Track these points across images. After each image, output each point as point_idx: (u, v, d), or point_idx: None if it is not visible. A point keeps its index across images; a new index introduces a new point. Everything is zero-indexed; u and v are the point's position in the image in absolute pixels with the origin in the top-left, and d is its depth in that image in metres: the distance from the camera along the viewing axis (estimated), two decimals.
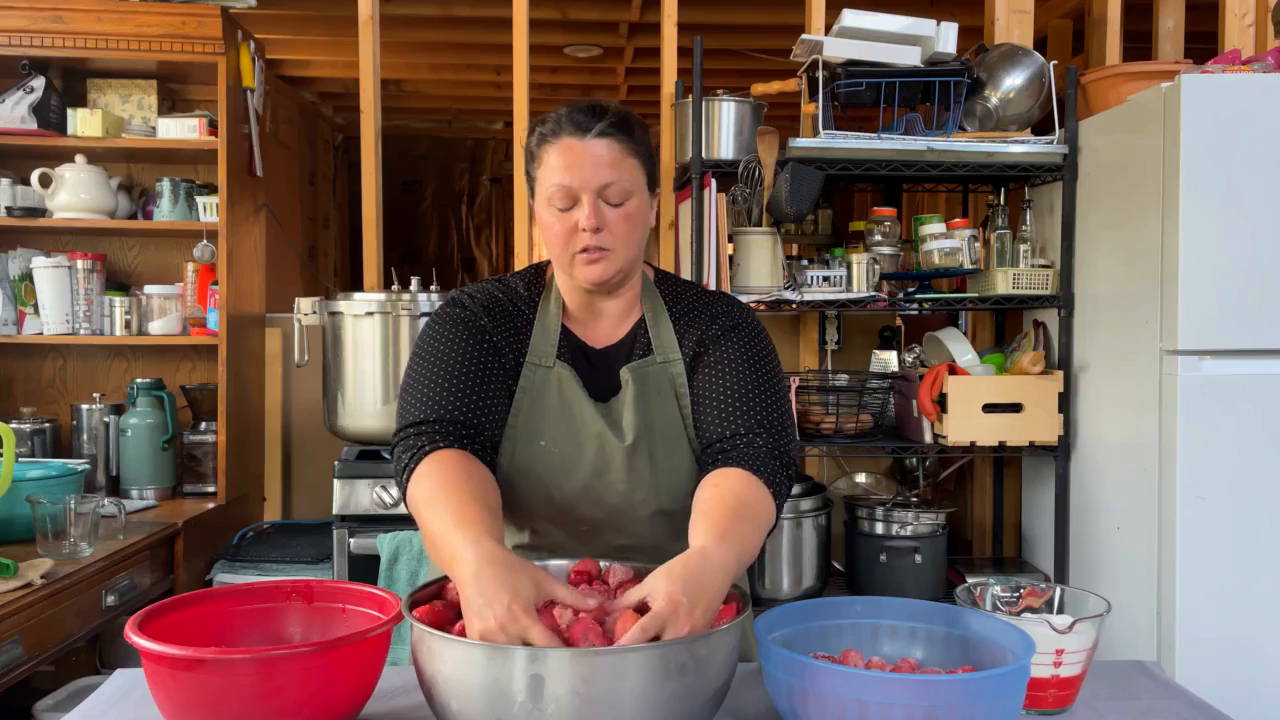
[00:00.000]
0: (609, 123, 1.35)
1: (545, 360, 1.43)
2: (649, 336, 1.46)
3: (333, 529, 2.65)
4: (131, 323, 3.12)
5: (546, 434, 1.40)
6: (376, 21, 3.16)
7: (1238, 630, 2.22)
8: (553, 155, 1.36)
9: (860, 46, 2.61)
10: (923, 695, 1.04)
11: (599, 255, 1.36)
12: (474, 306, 1.45)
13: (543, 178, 1.37)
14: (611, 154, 1.35)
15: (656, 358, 1.44)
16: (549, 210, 1.37)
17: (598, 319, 1.47)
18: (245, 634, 1.28)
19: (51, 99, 3.03)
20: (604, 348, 1.47)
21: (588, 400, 1.41)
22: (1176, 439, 2.23)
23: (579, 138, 1.34)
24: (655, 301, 1.49)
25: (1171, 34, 3.40)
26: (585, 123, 1.35)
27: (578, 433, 1.41)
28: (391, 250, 3.39)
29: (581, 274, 1.38)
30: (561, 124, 1.36)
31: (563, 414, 1.41)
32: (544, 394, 1.42)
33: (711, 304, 1.49)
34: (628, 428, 1.40)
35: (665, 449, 1.42)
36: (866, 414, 2.83)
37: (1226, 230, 2.22)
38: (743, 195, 2.72)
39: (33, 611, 2.09)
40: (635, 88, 5.59)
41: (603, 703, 0.99)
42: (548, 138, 1.37)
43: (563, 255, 1.39)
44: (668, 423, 1.42)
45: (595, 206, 1.34)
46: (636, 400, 1.42)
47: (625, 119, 1.38)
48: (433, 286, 2.84)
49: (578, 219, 1.35)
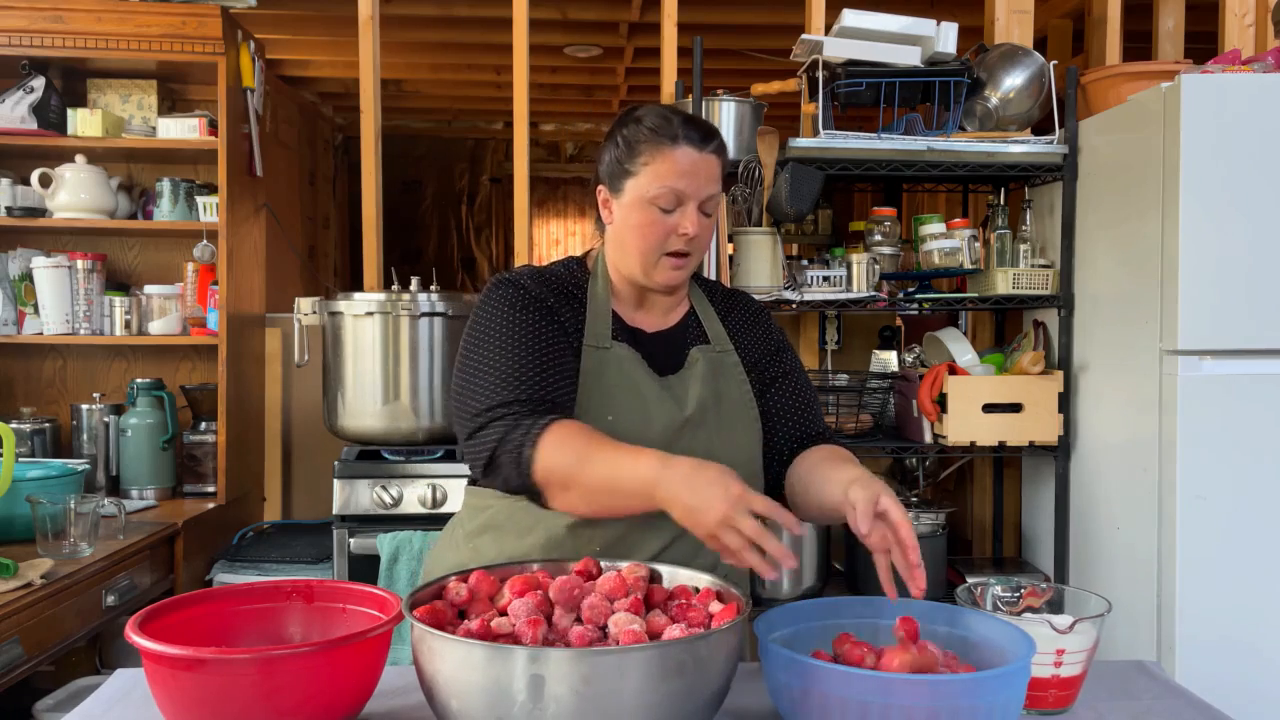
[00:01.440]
0: (719, 142, 1.46)
1: (603, 342, 1.47)
2: (702, 327, 1.56)
3: (333, 529, 2.65)
4: (131, 323, 3.12)
5: (613, 409, 1.44)
6: (376, 21, 3.16)
7: (1238, 630, 2.22)
8: (669, 159, 1.42)
9: (860, 46, 2.61)
10: (923, 695, 1.04)
11: (684, 261, 1.46)
12: (533, 285, 1.48)
13: (650, 175, 1.43)
14: (717, 171, 1.46)
15: (714, 346, 1.54)
16: (647, 208, 1.43)
17: (648, 310, 1.54)
18: (245, 634, 1.28)
19: (51, 99, 3.03)
20: (656, 331, 1.54)
21: (651, 376, 1.47)
22: (1176, 439, 2.23)
23: (699, 150, 1.43)
24: (700, 297, 1.59)
25: (1171, 34, 3.40)
26: (704, 136, 1.44)
27: (645, 407, 1.45)
28: (391, 250, 3.40)
29: (664, 276, 1.47)
30: (680, 130, 1.43)
31: (627, 390, 1.45)
32: (605, 373, 1.46)
33: (751, 312, 1.61)
34: (692, 400, 1.46)
35: (729, 424, 1.49)
36: (866, 414, 2.83)
37: (1226, 230, 2.22)
38: (743, 195, 2.72)
39: (33, 611, 2.09)
40: (635, 88, 5.59)
41: (603, 702, 0.99)
42: (664, 140, 1.42)
43: (650, 254, 1.45)
44: (732, 402, 1.51)
45: (698, 216, 1.43)
46: (704, 377, 1.49)
47: (724, 142, 1.49)
48: (433, 286, 2.84)
49: (678, 223, 1.43)
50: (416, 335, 2.75)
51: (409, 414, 2.74)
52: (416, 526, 2.61)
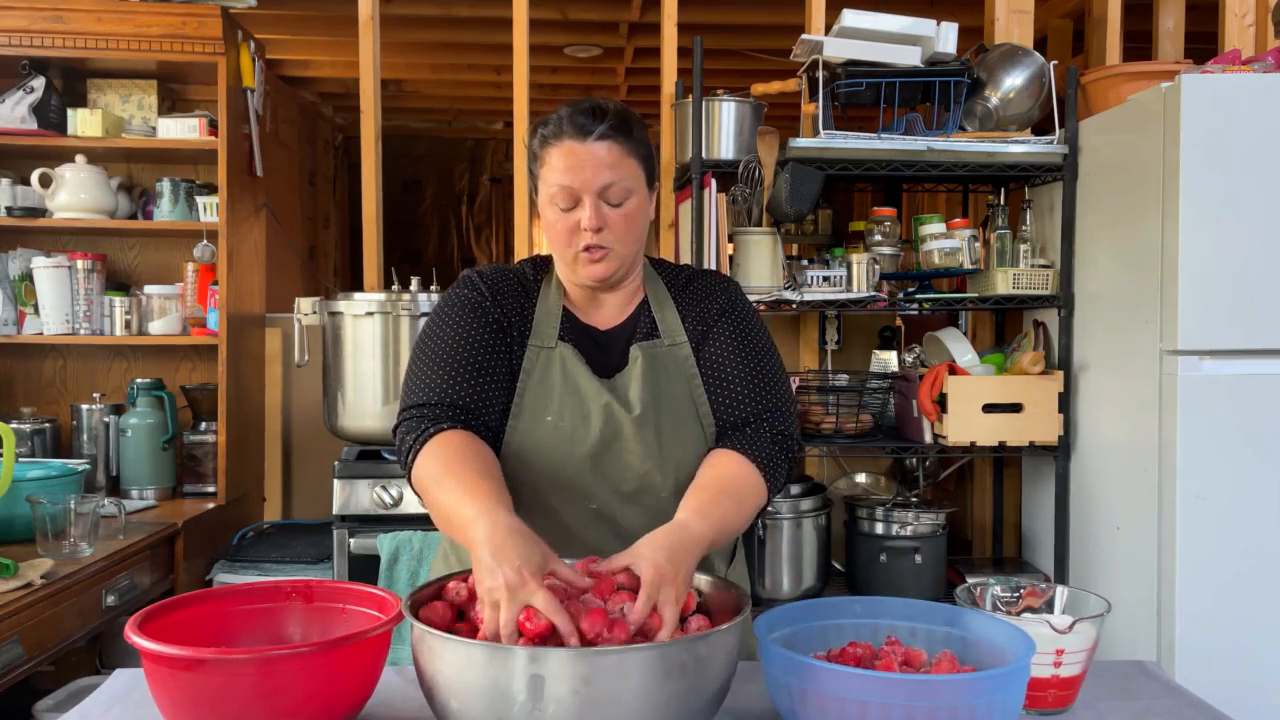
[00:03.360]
0: (609, 125, 1.39)
1: (548, 342, 1.47)
2: (654, 319, 1.51)
3: (333, 529, 2.65)
4: (131, 323, 3.12)
5: (552, 409, 1.43)
6: (376, 21, 3.16)
7: (1238, 630, 2.22)
8: (555, 156, 1.39)
9: (860, 46, 2.61)
10: (923, 695, 1.04)
11: (600, 254, 1.42)
12: (482, 285, 1.49)
13: (545, 177, 1.41)
14: (612, 155, 1.39)
15: (664, 340, 1.49)
16: (552, 209, 1.42)
17: (600, 307, 1.52)
18: (245, 634, 1.28)
19: (51, 99, 3.03)
20: (609, 329, 1.51)
21: (591, 375, 1.45)
22: (1176, 439, 2.23)
23: (580, 140, 1.38)
24: (658, 286, 1.54)
25: (1171, 34, 3.40)
26: (586, 125, 1.38)
27: (584, 405, 1.43)
28: (391, 250, 3.39)
29: (584, 272, 1.44)
30: (563, 126, 1.39)
31: (568, 389, 1.44)
32: (548, 372, 1.45)
33: (706, 284, 1.54)
34: (635, 400, 1.44)
35: (674, 425, 1.45)
36: (866, 414, 2.83)
37: (1226, 230, 2.21)
38: (743, 195, 2.72)
39: (33, 611, 2.09)
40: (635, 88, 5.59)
41: (603, 703, 0.99)
42: (550, 139, 1.40)
43: (566, 253, 1.43)
44: (677, 401, 1.47)
45: (596, 207, 1.39)
46: (645, 375, 1.46)
47: (625, 119, 1.41)
48: (433, 286, 2.84)
49: (580, 218, 1.39)
50: (416, 335, 2.74)
51: None
52: (416, 527, 2.61)
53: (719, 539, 1.28)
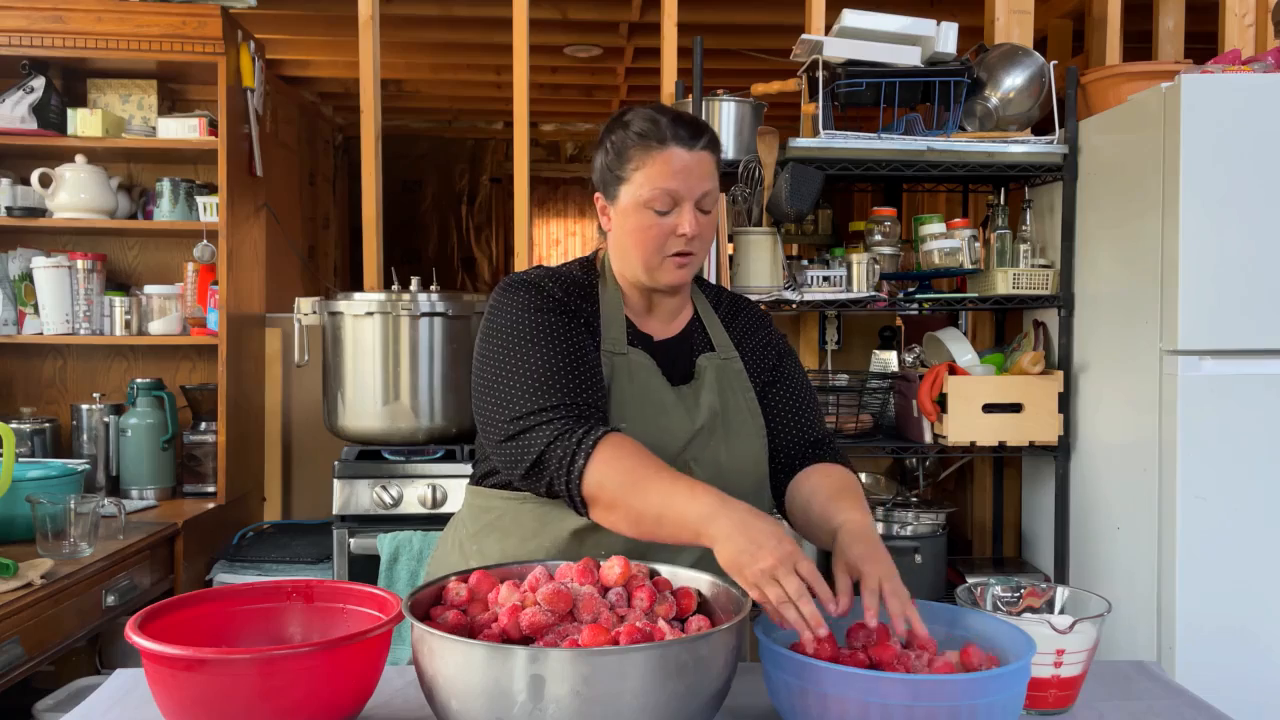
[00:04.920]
0: (709, 138, 1.45)
1: (619, 347, 1.47)
2: (706, 334, 1.55)
3: (333, 529, 2.65)
4: (131, 323, 3.11)
5: (627, 416, 1.43)
6: (376, 21, 3.16)
7: (1238, 630, 2.22)
8: (659, 161, 1.41)
9: (860, 46, 2.61)
10: (923, 695, 1.04)
11: (688, 260, 1.45)
12: (552, 288, 1.47)
13: (642, 179, 1.42)
14: (711, 167, 1.45)
15: (720, 354, 1.53)
16: (644, 212, 1.43)
17: (655, 314, 1.54)
18: (245, 634, 1.28)
19: (51, 99, 3.03)
20: (664, 339, 1.53)
21: (667, 384, 1.47)
22: (1177, 439, 2.23)
23: (688, 149, 1.42)
24: (703, 302, 1.59)
25: (1171, 34, 3.40)
26: (693, 134, 1.42)
27: (658, 416, 1.44)
28: (391, 250, 3.39)
29: (670, 276, 1.46)
30: (668, 131, 1.42)
31: (642, 398, 1.45)
32: (620, 378, 1.45)
33: (754, 319, 1.61)
34: (705, 409, 1.47)
35: (737, 436, 1.49)
36: (866, 414, 2.83)
37: (1226, 230, 2.21)
38: (743, 195, 2.72)
39: (33, 611, 2.09)
40: (635, 88, 5.59)
41: (603, 703, 0.99)
42: (653, 145, 1.41)
43: (654, 256, 1.44)
44: (738, 411, 1.51)
45: (695, 214, 1.43)
46: (713, 386, 1.49)
47: (715, 136, 1.48)
48: (433, 286, 2.83)
49: (676, 224, 1.42)
50: (416, 335, 2.75)
51: (409, 414, 2.74)
52: (416, 526, 2.61)
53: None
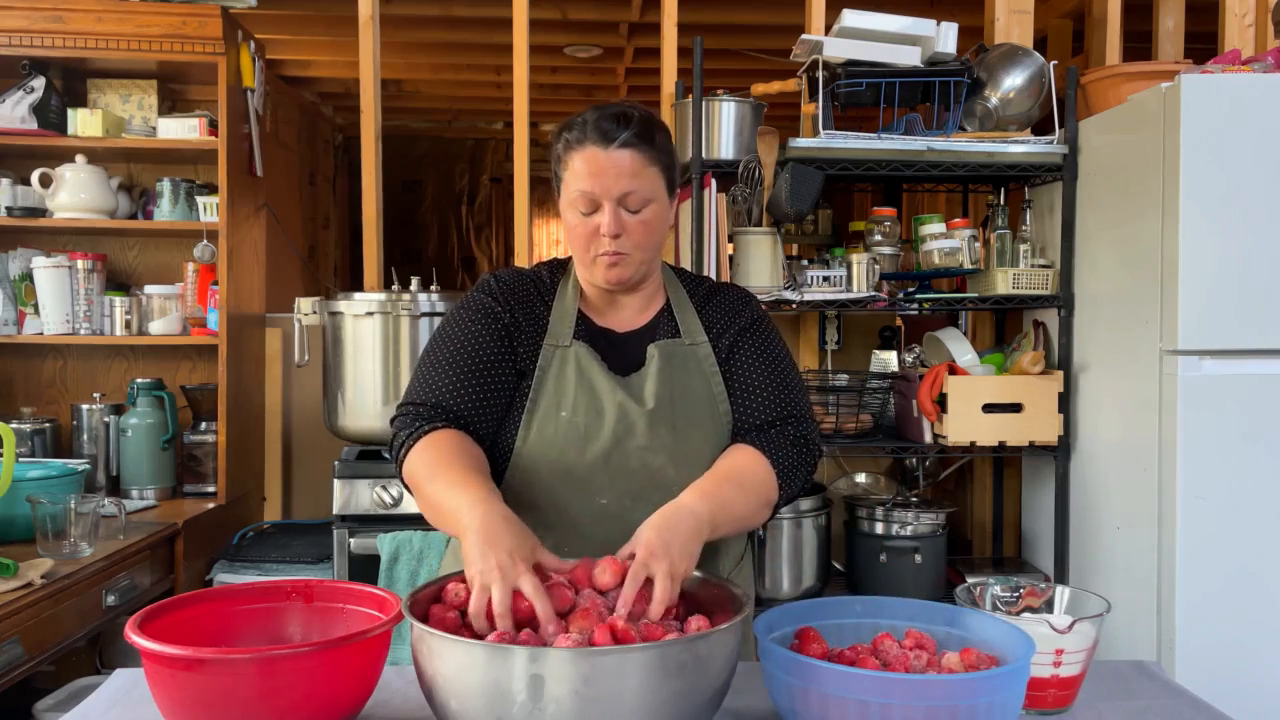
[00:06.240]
0: (633, 133, 1.40)
1: (562, 340, 1.49)
2: (675, 321, 1.54)
3: (333, 529, 2.65)
4: (131, 323, 3.11)
5: (566, 405, 1.45)
6: (376, 21, 3.16)
7: (1238, 630, 2.22)
8: (577, 161, 1.41)
9: (860, 46, 2.61)
10: (923, 695, 1.04)
11: (617, 259, 1.43)
12: (496, 288, 1.52)
13: (568, 181, 1.43)
14: (633, 164, 1.40)
15: (684, 339, 1.52)
16: (572, 212, 1.44)
17: (618, 310, 1.54)
18: (245, 634, 1.28)
19: (52, 99, 3.03)
20: (627, 331, 1.53)
21: (606, 372, 1.47)
22: (1177, 439, 2.23)
23: (603, 147, 1.39)
24: (679, 292, 1.57)
25: (1171, 34, 3.40)
26: (610, 132, 1.39)
27: (598, 401, 1.45)
28: (391, 250, 3.39)
29: (601, 275, 1.46)
30: (587, 131, 1.41)
31: (582, 386, 1.46)
32: (563, 369, 1.47)
33: (730, 299, 1.58)
34: (649, 395, 1.46)
35: (690, 421, 1.47)
36: (866, 414, 2.83)
37: (1226, 230, 2.21)
38: (743, 195, 2.72)
39: (33, 611, 2.09)
40: (635, 88, 5.59)
41: (603, 703, 0.99)
42: (574, 144, 1.42)
43: (584, 256, 1.46)
44: (694, 398, 1.49)
45: (615, 214, 1.41)
46: (661, 372, 1.48)
47: (648, 127, 1.42)
48: (433, 286, 2.84)
49: (599, 223, 1.42)
50: (416, 335, 2.75)
51: None
52: (416, 526, 2.61)
53: (721, 521, 1.30)
